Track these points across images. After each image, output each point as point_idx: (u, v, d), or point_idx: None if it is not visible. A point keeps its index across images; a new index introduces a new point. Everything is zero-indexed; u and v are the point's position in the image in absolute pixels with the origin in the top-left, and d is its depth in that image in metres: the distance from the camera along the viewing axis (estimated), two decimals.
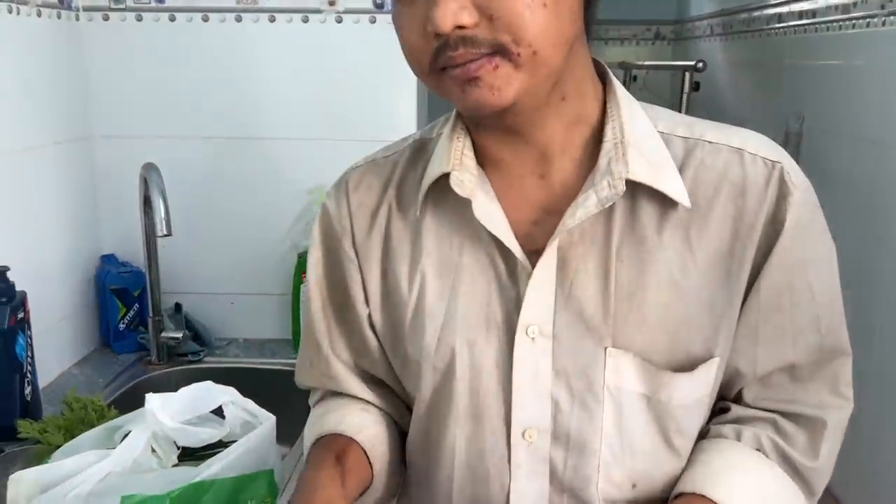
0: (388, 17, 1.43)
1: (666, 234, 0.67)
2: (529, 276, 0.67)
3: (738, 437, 0.71)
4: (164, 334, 1.46)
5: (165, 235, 1.23)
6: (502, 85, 0.60)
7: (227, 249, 1.56)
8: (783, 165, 0.66)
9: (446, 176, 0.69)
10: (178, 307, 1.51)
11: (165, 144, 1.50)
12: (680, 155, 0.68)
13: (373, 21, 1.48)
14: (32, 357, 1.22)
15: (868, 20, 1.61)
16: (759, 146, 0.68)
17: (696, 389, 0.69)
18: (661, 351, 0.67)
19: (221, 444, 0.91)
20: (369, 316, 0.77)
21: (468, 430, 0.71)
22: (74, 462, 0.82)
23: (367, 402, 0.80)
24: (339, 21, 1.48)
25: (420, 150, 0.77)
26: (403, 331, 0.74)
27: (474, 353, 0.70)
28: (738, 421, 0.72)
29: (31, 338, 1.21)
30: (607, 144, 0.67)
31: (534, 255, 0.67)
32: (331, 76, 1.50)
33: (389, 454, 0.78)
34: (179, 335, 1.46)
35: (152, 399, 0.84)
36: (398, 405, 0.81)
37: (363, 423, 0.78)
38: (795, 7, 1.99)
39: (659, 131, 0.69)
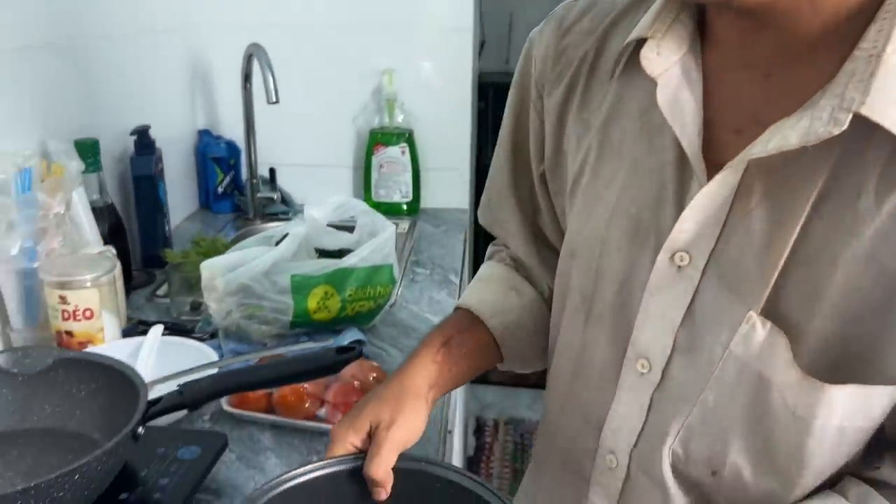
0: None
1: (892, 201, 0.48)
2: None
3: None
4: (259, 195, 1.73)
5: (274, 103, 1.47)
6: None
7: (308, 126, 1.81)
8: None
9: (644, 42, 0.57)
10: (272, 172, 1.78)
11: (249, 32, 1.73)
12: None
13: None
14: (167, 202, 1.49)
15: None
16: None
17: (848, 415, 0.52)
18: (820, 347, 0.52)
19: (342, 253, 1.19)
20: (543, 174, 0.71)
21: (584, 333, 0.65)
22: (249, 252, 1.10)
23: (526, 275, 0.79)
24: None
25: None
26: (563, 200, 0.69)
27: (609, 258, 0.61)
28: (877, 485, 0.55)
29: (166, 186, 1.48)
30: (859, 54, 0.48)
31: (718, 170, 0.53)
32: None
33: (528, 342, 0.76)
34: (274, 195, 1.73)
35: (310, 207, 1.11)
36: None
37: (505, 306, 0.76)
38: None
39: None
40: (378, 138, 1.77)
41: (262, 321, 1.05)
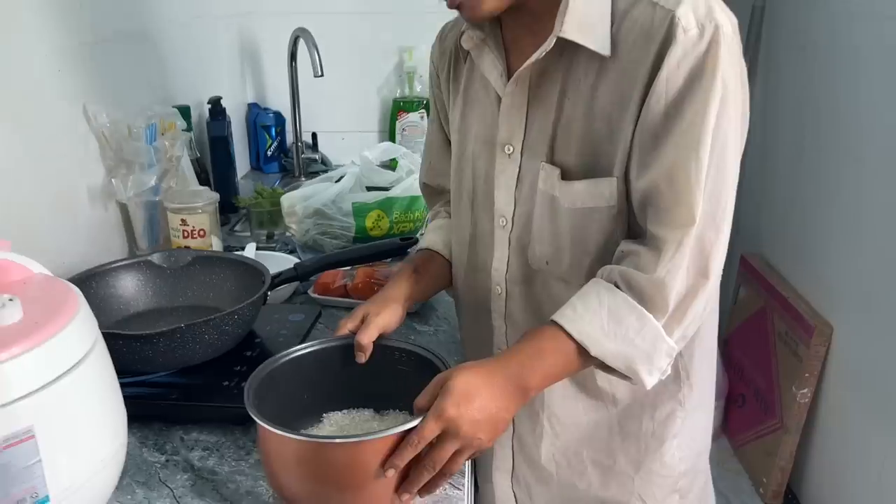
0: None
1: (592, 76, 0.81)
2: None
3: (601, 275, 0.82)
4: (303, 155, 2.06)
5: (320, 76, 1.79)
6: (475, 4, 0.81)
7: (341, 98, 2.14)
8: (675, 13, 0.75)
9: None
10: (314, 136, 2.10)
11: (292, 20, 2.05)
12: (621, 9, 0.79)
13: None
14: (236, 159, 1.82)
15: None
16: (689, 6, 0.75)
17: (593, 198, 0.82)
18: (577, 166, 0.83)
19: (387, 189, 1.52)
20: (447, 137, 1.05)
21: (472, 215, 0.97)
22: (318, 186, 1.43)
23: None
24: None
25: None
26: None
27: (478, 163, 0.94)
28: (616, 259, 0.83)
29: (234, 146, 1.81)
30: (561, 6, 0.80)
31: None
32: None
33: None
34: (317, 156, 2.06)
35: (366, 151, 1.44)
36: None
37: (447, 238, 1.06)
38: None
39: None
40: (400, 106, 2.10)
41: (333, 237, 1.38)
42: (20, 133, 1.10)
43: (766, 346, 2.21)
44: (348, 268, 1.27)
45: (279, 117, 2.11)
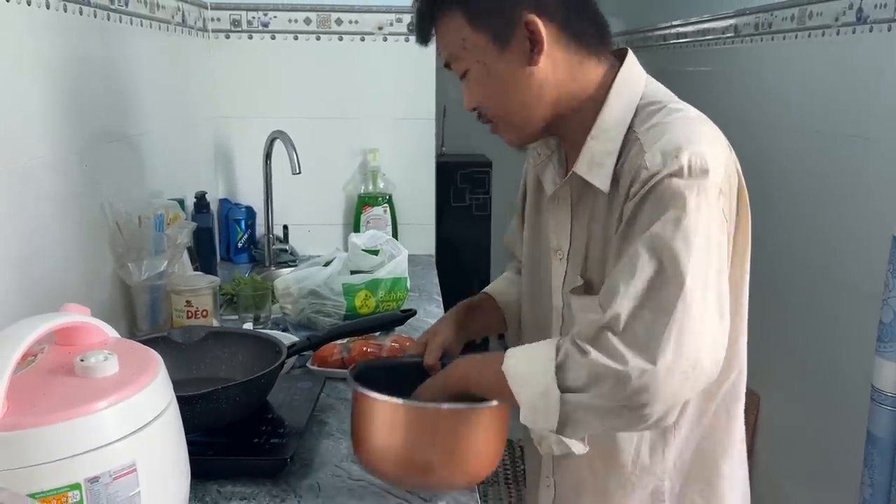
0: None
1: (605, 207, 0.94)
2: None
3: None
4: (274, 246, 2.20)
5: (297, 174, 1.96)
6: (508, 136, 1.00)
7: (309, 193, 2.30)
8: (646, 152, 0.86)
9: None
10: (285, 228, 2.25)
11: (266, 123, 2.23)
12: (626, 146, 0.91)
13: (407, 40, 2.27)
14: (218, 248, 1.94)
15: (717, 40, 2.51)
16: (659, 145, 0.86)
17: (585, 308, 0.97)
18: (598, 284, 0.94)
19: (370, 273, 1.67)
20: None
21: (536, 296, 1.13)
22: (311, 270, 1.58)
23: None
24: (385, 40, 2.26)
25: None
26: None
27: (543, 258, 1.09)
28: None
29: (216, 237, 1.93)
30: (584, 146, 0.95)
31: None
32: (380, 76, 2.28)
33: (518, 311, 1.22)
34: (286, 247, 2.20)
35: (353, 236, 1.60)
36: None
37: (508, 290, 1.23)
38: (675, 30, 2.89)
39: (629, 126, 0.91)
40: (365, 200, 2.28)
41: (326, 314, 1.52)
42: (56, 219, 1.22)
43: None
44: (344, 341, 1.40)
45: (250, 211, 2.26)
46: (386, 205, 2.28)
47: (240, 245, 2.25)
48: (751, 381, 2.27)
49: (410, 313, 1.27)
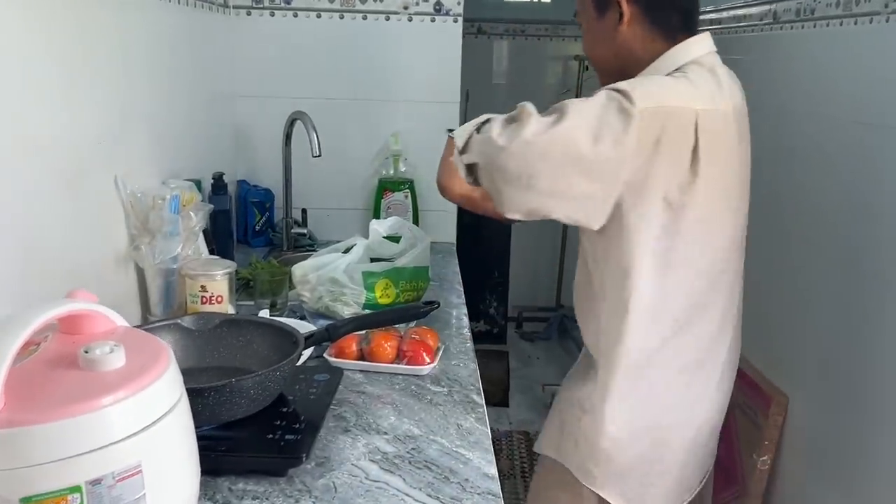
0: (444, 18, 2.16)
1: None
2: None
3: None
4: (293, 230, 2.14)
5: (317, 156, 1.90)
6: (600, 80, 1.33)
7: (329, 176, 2.25)
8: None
9: None
10: (304, 212, 2.19)
11: (287, 103, 2.17)
12: None
13: (433, 20, 2.20)
14: (235, 231, 1.89)
15: (754, 27, 2.42)
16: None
17: None
18: None
19: (390, 260, 1.62)
20: None
21: None
22: (330, 257, 1.52)
23: None
24: (410, 20, 2.19)
25: None
26: None
27: None
28: None
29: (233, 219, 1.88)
30: None
31: None
32: (404, 58, 2.21)
33: None
34: (305, 231, 2.15)
35: (374, 222, 1.54)
36: None
37: None
38: (708, 17, 2.79)
39: None
40: (386, 185, 2.22)
41: (345, 303, 1.46)
42: (66, 198, 1.17)
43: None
44: (363, 332, 1.35)
45: (268, 194, 2.20)
46: (407, 190, 2.22)
47: (258, 228, 2.20)
48: (779, 381, 2.21)
49: (434, 306, 1.21)
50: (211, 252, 1.68)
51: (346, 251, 1.56)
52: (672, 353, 1.24)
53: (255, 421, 1.08)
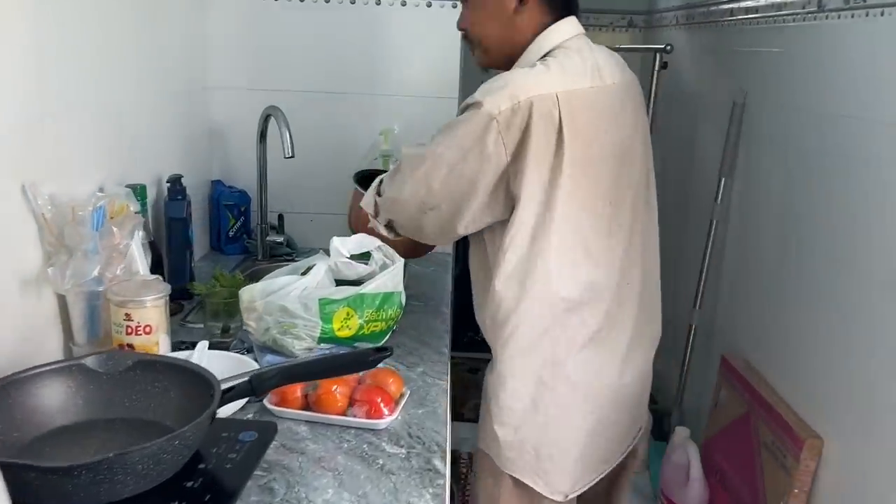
0: (441, 4, 1.92)
1: None
2: None
3: None
4: (268, 238, 1.93)
5: (290, 157, 1.69)
6: (479, 59, 1.38)
7: (311, 178, 2.03)
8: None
9: None
10: (280, 218, 1.98)
11: (266, 96, 1.95)
12: None
13: (429, 5, 1.96)
14: (194, 241, 1.69)
15: (795, 16, 2.14)
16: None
17: None
18: None
19: (357, 283, 1.39)
20: None
21: None
22: (284, 280, 1.30)
23: None
24: (404, 4, 1.96)
25: None
26: None
27: None
28: None
29: (193, 227, 1.68)
30: None
31: None
32: (397, 47, 1.98)
33: None
34: (281, 239, 1.94)
35: (336, 240, 1.32)
36: None
37: None
38: (743, 4, 2.51)
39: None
40: None
41: (296, 336, 1.24)
42: None
43: (749, 454, 2.09)
44: None
45: (244, 196, 2.00)
46: None
47: (231, 234, 1.99)
48: (813, 420, 1.95)
49: (384, 353, 0.98)
50: (157, 268, 1.47)
51: (306, 272, 1.34)
52: (560, 329, 1.29)
53: (148, 500, 0.87)
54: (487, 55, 1.34)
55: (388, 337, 1.38)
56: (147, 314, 1.20)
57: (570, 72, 1.24)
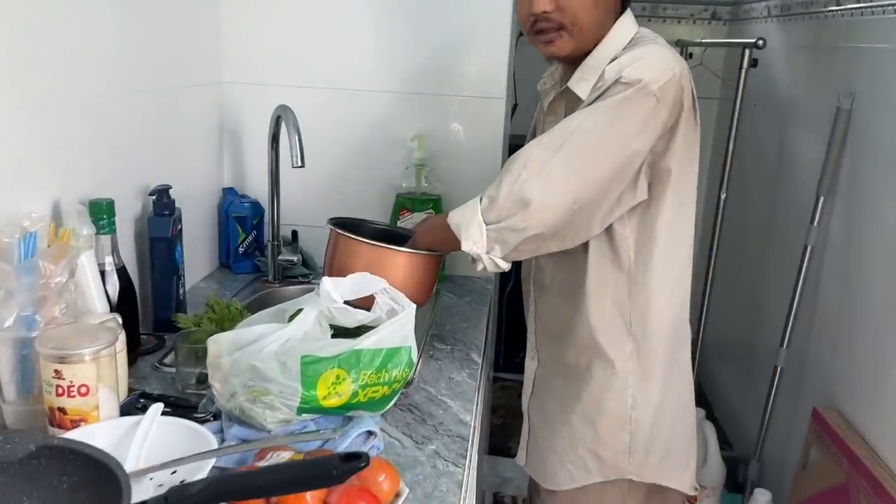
0: None
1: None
2: None
3: None
4: (280, 257, 1.68)
5: (299, 167, 1.42)
6: (563, 45, 1.20)
7: (334, 188, 1.77)
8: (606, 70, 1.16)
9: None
10: (294, 235, 1.72)
11: (284, 92, 1.70)
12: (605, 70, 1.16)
13: None
14: (184, 264, 1.44)
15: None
16: (617, 63, 1.15)
17: None
18: None
19: (363, 330, 1.12)
20: None
21: None
22: (261, 329, 1.03)
23: None
24: None
25: None
26: None
27: None
28: None
29: (183, 248, 1.43)
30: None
31: None
32: (434, 46, 1.70)
33: None
34: (294, 258, 1.68)
35: (326, 281, 1.05)
36: None
37: None
38: None
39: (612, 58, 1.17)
40: (404, 203, 1.72)
41: (268, 406, 0.97)
42: None
43: None
44: None
45: (257, 207, 1.74)
46: (431, 210, 1.71)
47: (241, 250, 1.75)
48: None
49: (357, 463, 0.70)
50: (127, 300, 1.23)
51: (294, 316, 1.07)
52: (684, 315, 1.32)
53: None
54: (577, 40, 1.20)
55: (393, 402, 1.10)
56: (82, 371, 0.95)
57: (671, 52, 1.21)
